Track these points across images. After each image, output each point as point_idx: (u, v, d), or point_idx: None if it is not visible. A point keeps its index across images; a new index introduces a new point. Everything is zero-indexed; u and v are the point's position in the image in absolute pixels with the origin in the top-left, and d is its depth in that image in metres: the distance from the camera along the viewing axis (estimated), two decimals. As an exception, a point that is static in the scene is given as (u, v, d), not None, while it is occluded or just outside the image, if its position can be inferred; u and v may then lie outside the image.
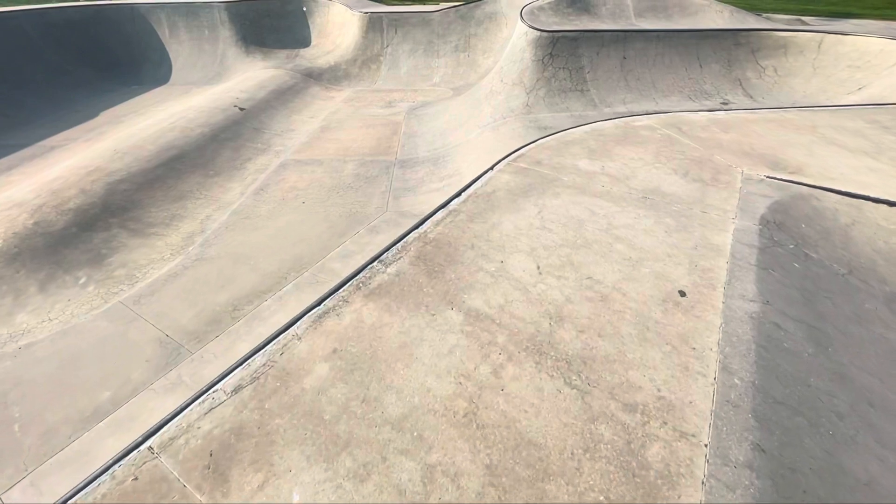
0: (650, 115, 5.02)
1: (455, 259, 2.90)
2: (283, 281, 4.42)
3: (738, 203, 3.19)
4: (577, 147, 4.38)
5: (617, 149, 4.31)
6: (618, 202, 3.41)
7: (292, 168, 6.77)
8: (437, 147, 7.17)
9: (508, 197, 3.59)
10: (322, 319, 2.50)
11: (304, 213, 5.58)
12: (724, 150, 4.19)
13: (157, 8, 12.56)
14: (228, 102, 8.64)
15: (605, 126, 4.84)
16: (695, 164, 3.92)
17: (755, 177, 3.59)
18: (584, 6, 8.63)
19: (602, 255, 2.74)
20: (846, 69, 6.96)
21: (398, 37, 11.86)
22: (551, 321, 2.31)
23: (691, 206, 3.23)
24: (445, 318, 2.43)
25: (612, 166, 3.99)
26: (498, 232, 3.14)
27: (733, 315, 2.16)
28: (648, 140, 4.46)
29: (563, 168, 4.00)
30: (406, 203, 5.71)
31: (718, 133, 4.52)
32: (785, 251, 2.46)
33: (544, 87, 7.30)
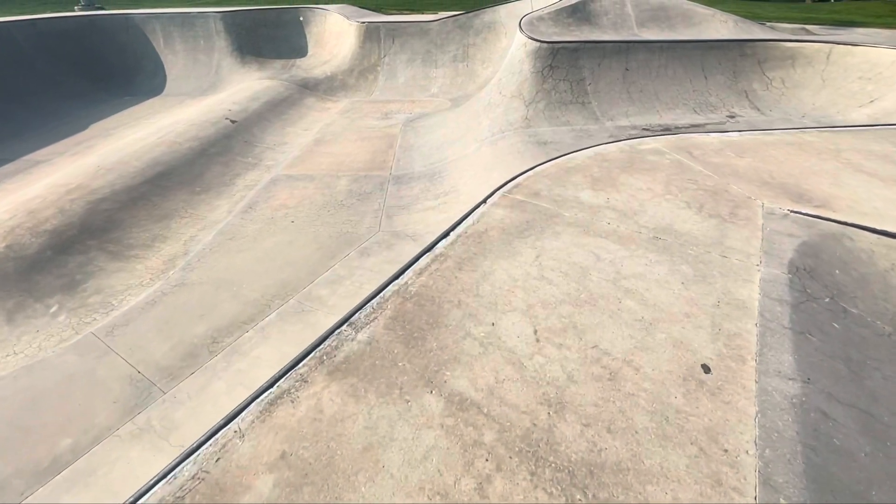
0: (657, 137, 4.71)
1: (438, 321, 2.50)
2: (267, 309, 4.16)
3: (761, 244, 2.87)
4: (580, 175, 4.09)
5: (623, 177, 4.04)
6: (626, 244, 3.08)
7: (283, 184, 6.53)
8: (433, 162, 6.93)
9: (503, 237, 3.26)
10: (273, 407, 2.04)
11: (293, 233, 5.33)
12: (741, 178, 3.88)
13: (153, 18, 12.42)
14: (220, 115, 8.43)
15: (609, 150, 4.55)
16: (710, 195, 3.61)
17: (778, 211, 3.27)
18: (584, 16, 8.43)
19: (610, 314, 2.39)
20: (857, 81, 6.72)
21: (395, 47, 11.68)
22: (550, 410, 1.93)
23: (709, 248, 2.90)
24: (423, 405, 2.03)
25: (618, 198, 3.68)
26: (489, 284, 2.77)
27: (770, 400, 1.83)
28: (657, 166, 4.18)
29: (565, 201, 3.70)
30: (399, 222, 5.45)
31: (733, 158, 4.25)
32: (820, 307, 2.15)
33: (544, 99, 7.07)
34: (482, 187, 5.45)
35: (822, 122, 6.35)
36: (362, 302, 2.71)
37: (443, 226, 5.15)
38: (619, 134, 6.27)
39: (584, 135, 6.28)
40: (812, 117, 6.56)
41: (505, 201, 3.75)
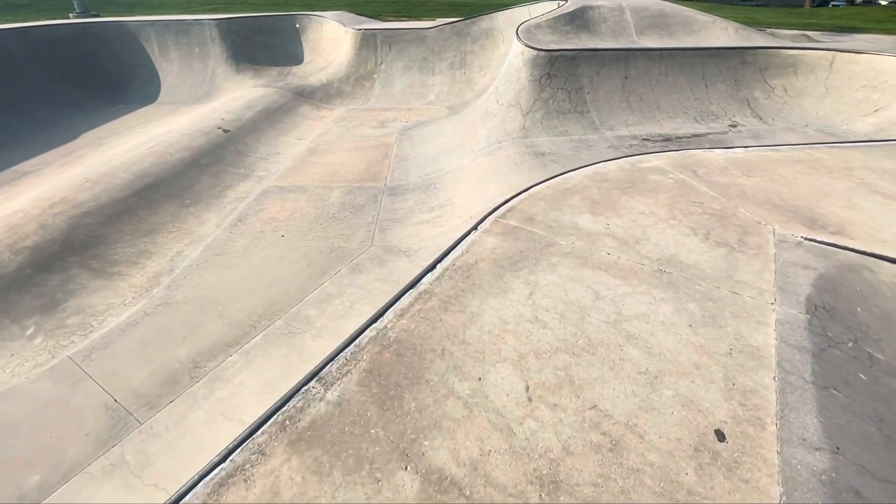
0: (660, 154, 4.53)
1: (419, 375, 2.22)
2: (253, 331, 3.98)
3: (774, 278, 2.66)
4: (577, 197, 3.91)
5: (623, 199, 3.84)
6: (627, 278, 2.84)
7: (274, 196, 6.37)
8: (428, 172, 6.78)
9: (493, 271, 3.01)
10: (223, 489, 1.75)
11: (283, 248, 5.16)
12: (749, 200, 3.67)
13: (147, 25, 12.31)
14: (213, 124, 8.29)
15: (608, 169, 4.36)
16: (716, 220, 3.41)
17: (790, 238, 3.06)
18: (583, 24, 8.30)
19: (611, 365, 2.14)
20: (861, 89, 6.58)
21: (392, 54, 11.57)
22: (542, 491, 1.66)
23: (718, 283, 2.67)
24: (395, 486, 1.74)
25: (618, 224, 3.47)
26: (477, 327, 2.49)
27: (796, 478, 1.59)
28: (659, 187, 3.97)
29: (561, 227, 3.48)
30: (393, 236, 5.29)
31: (740, 177, 4.07)
32: (844, 353, 1.96)
33: (542, 108, 6.93)
34: (477, 200, 5.29)
35: (825, 132, 6.20)
36: (335, 351, 2.44)
37: (437, 241, 5.01)
38: (619, 144, 6.12)
39: (582, 145, 6.13)
40: (816, 126, 6.41)
41: (497, 227, 3.55)
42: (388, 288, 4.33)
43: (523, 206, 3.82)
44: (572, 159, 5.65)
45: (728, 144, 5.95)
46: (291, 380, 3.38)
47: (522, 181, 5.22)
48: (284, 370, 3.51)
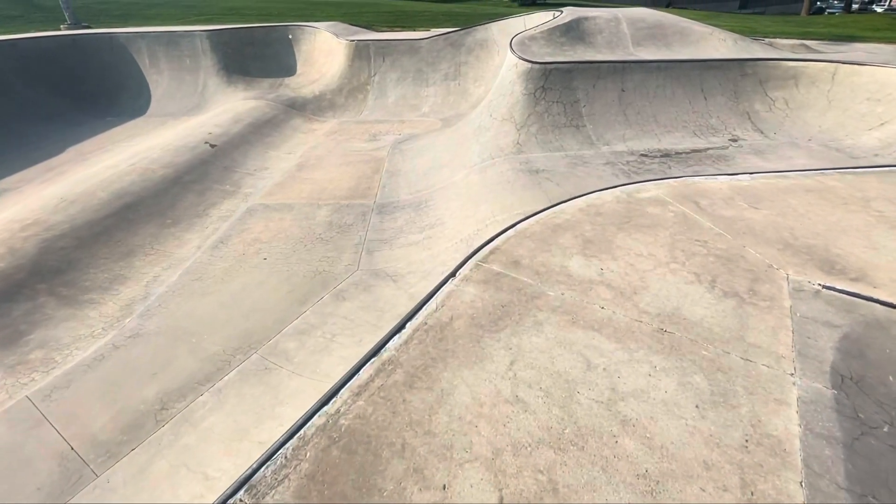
0: (659, 183, 4.26)
1: (371, 482, 1.80)
2: (227, 366, 3.73)
3: (792, 339, 2.32)
4: (569, 235, 3.60)
5: (620, 237, 3.54)
6: (624, 340, 2.49)
7: (259, 215, 6.14)
8: (419, 189, 6.56)
9: (471, 332, 2.60)
10: None
11: (264, 272, 4.92)
12: (758, 237, 3.38)
13: (138, 37, 12.15)
14: (199, 139, 8.07)
15: (603, 200, 4.09)
16: (723, 263, 3.10)
17: (807, 286, 2.74)
18: (578, 35, 8.13)
19: (603, 465, 1.78)
20: (865, 102, 6.38)
21: (386, 65, 11.40)
22: None
23: (728, 346, 2.33)
24: None
25: (613, 269, 3.15)
26: (447, 411, 2.11)
27: None
28: (659, 222, 3.68)
29: (550, 273, 3.14)
30: (380, 259, 5.05)
31: (746, 210, 3.78)
32: (880, 443, 1.64)
33: (536, 122, 6.73)
34: (468, 222, 5.07)
35: (830, 146, 6.00)
36: (275, 446, 2.00)
37: (426, 265, 4.77)
38: (616, 160, 5.90)
39: (578, 161, 5.91)
40: (819, 140, 6.21)
41: (478, 274, 3.21)
42: (372, 318, 4.09)
43: (509, 246, 3.51)
44: (567, 177, 5.44)
45: (729, 160, 5.74)
46: (262, 426, 3.14)
47: (514, 201, 5.00)
48: (257, 413, 3.26)
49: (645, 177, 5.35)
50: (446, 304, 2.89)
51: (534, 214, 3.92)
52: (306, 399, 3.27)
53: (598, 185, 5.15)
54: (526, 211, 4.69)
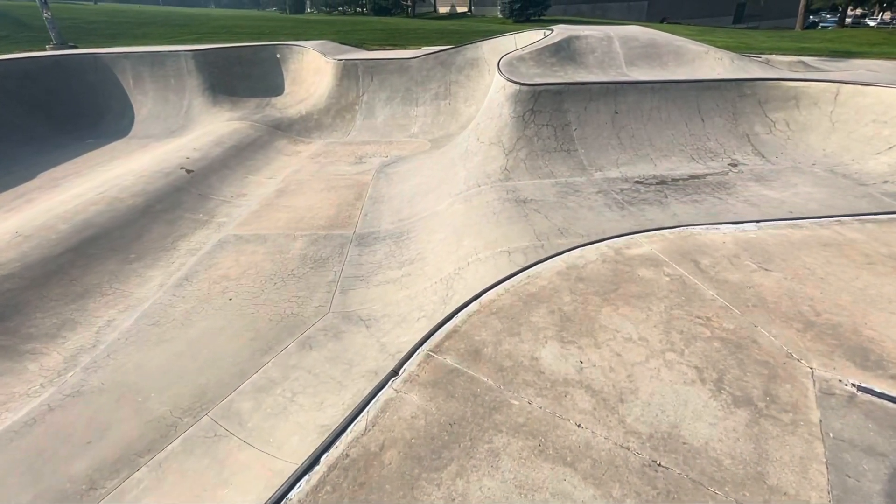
0: (652, 235, 3.76)
1: None
2: (172, 432, 3.32)
3: (827, 479, 1.75)
4: (544, 309, 2.98)
5: (605, 312, 2.93)
6: (604, 483, 1.87)
7: (231, 247, 5.77)
8: (402, 218, 6.19)
9: (404, 470, 1.96)
10: None
11: (228, 315, 4.53)
12: (771, 313, 2.80)
13: (122, 57, 11.91)
14: (176, 163, 7.74)
15: (587, 259, 3.56)
16: (730, 351, 2.51)
17: (838, 388, 2.18)
18: (569, 55, 7.85)
19: None
20: (871, 124, 6.06)
21: (374, 84, 11.14)
22: None
23: (742, 490, 1.77)
24: None
25: (596, 361, 2.52)
26: None
27: None
28: (652, 290, 3.12)
29: (516, 368, 2.49)
30: (354, 300, 4.66)
31: (755, 272, 3.25)
32: None
33: (525, 147, 6.40)
34: (450, 258, 4.69)
35: (836, 172, 5.66)
36: None
37: (402, 307, 4.38)
38: (609, 188, 5.55)
39: (569, 190, 5.56)
40: (824, 165, 5.87)
41: (427, 371, 2.52)
42: (339, 373, 3.68)
43: (471, 327, 2.86)
44: (556, 208, 5.07)
45: (729, 187, 5.39)
46: (198, 516, 2.71)
47: (499, 235, 4.63)
48: (197, 495, 2.84)
49: (640, 207, 5.00)
50: (379, 421, 2.22)
51: (505, 279, 3.36)
52: (251, 479, 2.86)
53: (588, 218, 4.79)
54: (511, 247, 4.32)
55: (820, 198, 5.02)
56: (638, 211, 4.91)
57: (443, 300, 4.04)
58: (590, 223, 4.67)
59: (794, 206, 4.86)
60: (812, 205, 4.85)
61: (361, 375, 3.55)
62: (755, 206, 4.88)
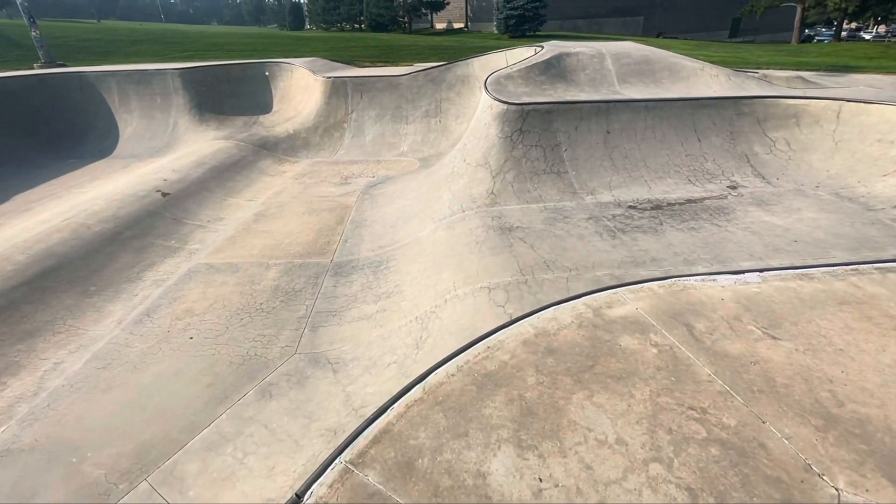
0: (638, 290, 3.25)
1: None
2: (105, 499, 2.93)
3: None
4: (501, 396, 2.39)
5: (575, 402, 2.35)
6: None
7: (199, 278, 5.42)
8: (383, 244, 5.86)
9: None
10: None
11: (186, 357, 4.16)
12: (783, 403, 2.27)
13: (108, 75, 11.73)
14: (152, 186, 7.44)
15: (560, 322, 2.98)
16: (731, 462, 1.98)
17: None
18: (559, 73, 7.60)
19: None
20: (876, 144, 5.75)
21: (364, 102, 10.91)
22: None
23: None
24: None
25: (558, 480, 1.96)
26: None
27: None
28: (636, 368, 2.55)
29: (456, 491, 1.93)
30: (324, 338, 4.30)
31: (760, 340, 2.71)
32: None
33: (513, 169, 6.09)
34: (427, 294, 4.34)
35: (841, 195, 5.33)
36: None
37: (373, 349, 4.01)
38: (601, 214, 5.22)
39: (558, 216, 5.23)
40: (829, 188, 5.55)
41: (341, 496, 1.94)
42: (297, 430, 3.31)
43: (407, 425, 2.25)
44: (543, 236, 4.74)
45: (728, 212, 5.06)
46: None
47: (480, 268, 4.29)
48: (118, 587, 2.45)
49: (633, 235, 4.66)
50: None
51: (461, 351, 2.76)
52: (181, 570, 2.47)
53: (577, 248, 4.45)
54: (491, 283, 3.98)
55: (826, 225, 4.68)
56: (631, 240, 4.57)
57: (416, 343, 3.68)
58: (578, 254, 4.33)
59: (798, 234, 4.52)
60: (818, 233, 4.51)
61: (320, 434, 3.18)
62: (757, 235, 4.55)
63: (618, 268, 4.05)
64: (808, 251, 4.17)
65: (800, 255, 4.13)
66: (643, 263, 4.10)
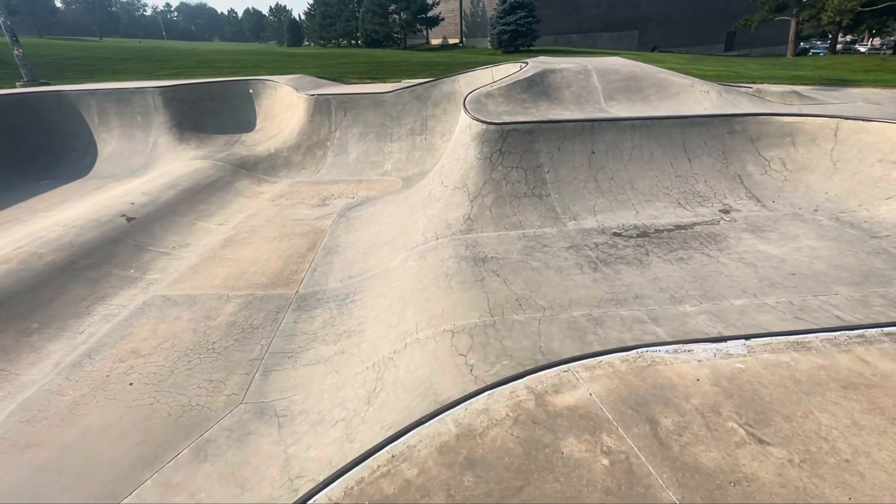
0: (594, 366, 2.62)
1: None
2: None
3: None
4: None
5: None
6: None
7: (153, 313, 5.04)
8: (353, 274, 5.48)
9: None
10: None
11: (121, 407, 3.76)
12: None
13: (88, 94, 11.47)
14: (118, 210, 7.09)
15: (492, 416, 2.34)
16: None
17: None
18: (542, 90, 7.30)
19: None
20: (878, 165, 5.40)
21: (348, 120, 10.63)
22: None
23: None
24: None
25: None
26: None
27: None
28: (577, 491, 1.95)
29: None
30: (275, 384, 3.89)
31: (742, 443, 2.12)
32: None
33: (492, 192, 5.74)
34: (388, 335, 3.95)
35: (842, 220, 4.96)
36: None
37: (325, 400, 3.60)
38: (583, 242, 4.85)
39: (536, 244, 4.86)
40: (828, 211, 5.19)
41: None
42: (227, 499, 2.89)
43: None
44: (519, 269, 4.36)
45: (720, 240, 4.68)
46: None
47: (447, 307, 3.90)
48: None
49: (615, 267, 4.28)
50: None
51: (358, 462, 2.17)
52: None
53: (554, 283, 4.07)
54: (456, 325, 3.59)
55: (826, 254, 4.30)
56: (613, 273, 4.19)
57: (368, 397, 3.28)
58: (555, 290, 3.94)
59: (796, 265, 4.14)
60: (818, 264, 4.13)
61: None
62: (751, 267, 4.17)
63: (597, 307, 3.66)
64: (807, 286, 3.79)
65: (798, 290, 3.75)
66: (625, 301, 3.72)
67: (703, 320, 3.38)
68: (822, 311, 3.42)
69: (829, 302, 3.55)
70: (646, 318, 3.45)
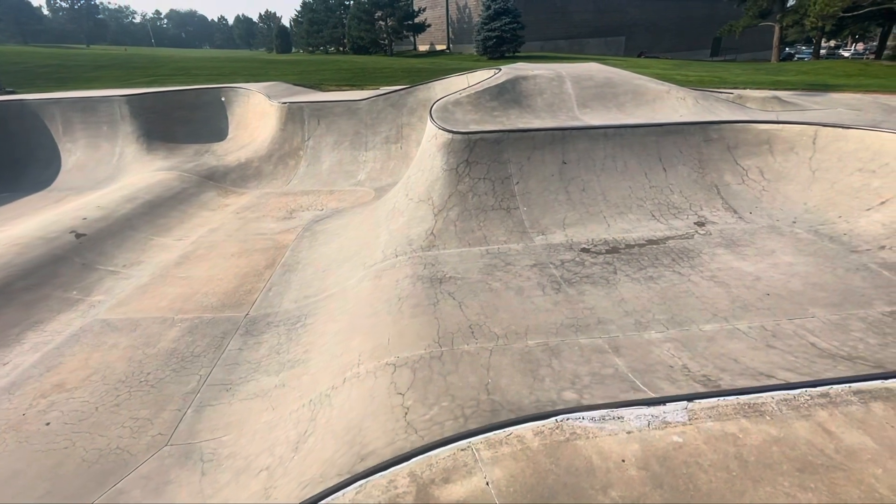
0: (501, 441, 2.10)
1: None
2: None
3: None
4: None
5: None
6: None
7: (89, 339, 4.67)
8: (309, 294, 5.15)
9: None
10: None
11: (32, 451, 3.38)
12: None
13: (52, 103, 11.07)
14: (68, 225, 6.71)
15: None
16: None
17: None
18: (513, 98, 7.03)
19: None
20: (857, 174, 5.18)
21: (321, 128, 10.32)
22: None
23: None
24: None
25: None
26: None
27: None
28: None
29: None
30: (207, 423, 3.54)
31: None
32: None
33: (458, 205, 5.44)
34: (330, 367, 3.62)
35: (821, 233, 4.71)
36: None
37: (256, 442, 3.22)
38: (548, 259, 4.55)
39: (499, 262, 4.56)
40: (807, 223, 4.94)
41: None
42: (123, 571, 2.54)
43: None
44: (477, 290, 4.05)
45: (693, 256, 4.41)
46: None
47: (393, 335, 3.58)
48: None
49: (580, 288, 3.99)
50: None
51: None
52: None
53: (513, 306, 3.76)
54: (400, 357, 3.27)
55: (803, 271, 4.04)
56: (577, 294, 3.89)
57: (296, 443, 2.94)
58: (512, 315, 3.64)
59: (771, 284, 3.87)
60: (794, 282, 3.86)
61: (142, 585, 2.41)
62: (723, 286, 3.89)
63: (555, 334, 3.36)
64: (782, 308, 3.51)
65: (772, 313, 3.47)
66: (586, 328, 3.42)
67: (668, 350, 3.09)
68: (797, 337, 3.14)
69: (804, 326, 3.27)
70: (606, 348, 3.15)
